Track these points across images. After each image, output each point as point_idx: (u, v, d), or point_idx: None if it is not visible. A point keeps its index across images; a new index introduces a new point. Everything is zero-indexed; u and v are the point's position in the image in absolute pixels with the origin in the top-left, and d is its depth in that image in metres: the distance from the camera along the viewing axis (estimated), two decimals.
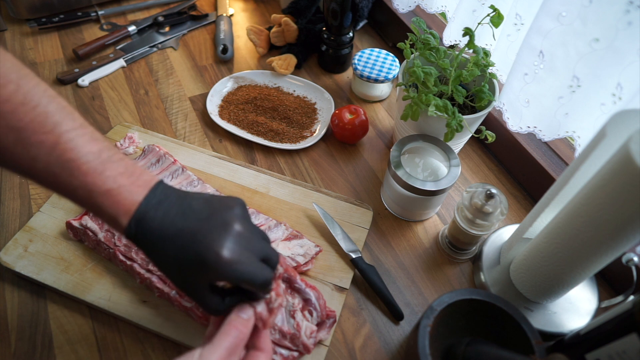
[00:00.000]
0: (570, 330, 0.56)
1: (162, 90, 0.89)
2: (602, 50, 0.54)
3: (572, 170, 0.48)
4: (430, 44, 0.66)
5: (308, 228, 0.68)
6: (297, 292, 0.58)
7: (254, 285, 0.42)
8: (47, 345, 0.57)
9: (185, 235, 0.41)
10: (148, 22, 1.00)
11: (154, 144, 0.73)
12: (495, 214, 0.59)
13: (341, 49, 0.90)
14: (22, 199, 0.70)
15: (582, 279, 0.52)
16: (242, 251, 0.41)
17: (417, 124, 0.68)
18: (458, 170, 0.64)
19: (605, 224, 0.44)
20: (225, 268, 0.40)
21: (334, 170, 0.78)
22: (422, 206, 0.68)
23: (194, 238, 0.40)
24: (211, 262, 0.40)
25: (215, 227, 0.41)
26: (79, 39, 0.96)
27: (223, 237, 0.41)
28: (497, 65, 0.73)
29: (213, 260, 0.40)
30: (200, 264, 0.40)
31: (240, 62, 0.95)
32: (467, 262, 0.67)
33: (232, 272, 0.40)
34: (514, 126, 0.69)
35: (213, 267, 0.40)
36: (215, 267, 0.40)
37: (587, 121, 0.61)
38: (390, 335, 0.60)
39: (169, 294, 0.58)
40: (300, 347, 0.54)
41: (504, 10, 0.67)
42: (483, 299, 0.51)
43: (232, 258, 0.40)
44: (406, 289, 0.64)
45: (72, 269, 0.61)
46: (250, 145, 0.80)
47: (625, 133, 0.41)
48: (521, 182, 0.76)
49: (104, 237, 0.61)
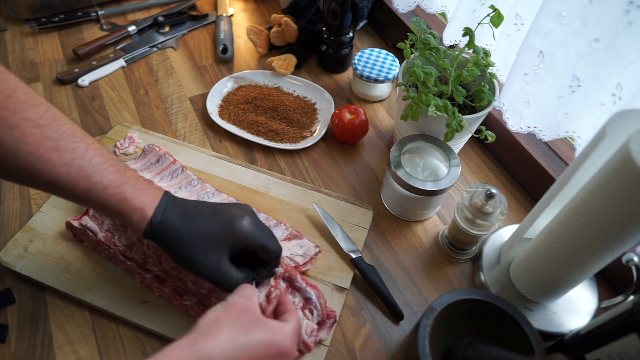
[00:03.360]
0: (570, 330, 0.56)
1: (162, 90, 0.89)
2: (602, 50, 0.54)
3: (572, 170, 0.48)
4: (430, 44, 0.66)
5: (308, 228, 0.68)
6: (298, 291, 0.58)
7: (269, 253, 0.52)
8: (47, 345, 0.57)
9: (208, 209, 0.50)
10: (148, 22, 1.00)
11: (153, 144, 0.73)
12: (495, 214, 0.59)
13: (341, 49, 0.90)
14: (22, 199, 0.70)
15: (582, 279, 0.52)
16: (258, 223, 0.52)
17: (417, 124, 0.68)
18: (458, 170, 0.64)
19: (606, 224, 0.44)
20: (248, 233, 0.49)
21: (334, 170, 0.78)
22: (422, 206, 0.68)
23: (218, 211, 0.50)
24: (237, 227, 0.49)
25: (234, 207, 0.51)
26: (79, 39, 0.96)
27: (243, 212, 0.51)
28: (497, 65, 0.73)
29: (238, 226, 0.49)
30: (226, 229, 0.49)
31: (240, 62, 0.95)
32: (467, 262, 0.67)
33: (253, 237, 0.50)
34: (514, 126, 0.69)
35: (238, 232, 0.49)
36: (240, 231, 0.49)
37: (587, 121, 0.61)
38: (390, 335, 0.60)
39: (168, 293, 0.58)
40: (300, 346, 0.54)
41: (504, 10, 0.67)
42: (483, 299, 0.51)
43: (252, 226, 0.50)
44: (406, 289, 0.64)
45: (72, 269, 0.61)
46: (250, 145, 0.80)
47: (625, 133, 0.41)
48: (521, 182, 0.76)
49: (104, 237, 0.61)
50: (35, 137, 0.43)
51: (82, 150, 0.46)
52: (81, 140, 0.46)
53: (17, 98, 0.43)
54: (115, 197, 0.47)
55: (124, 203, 0.47)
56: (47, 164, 0.44)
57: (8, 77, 0.43)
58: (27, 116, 0.43)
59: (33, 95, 0.44)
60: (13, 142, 0.42)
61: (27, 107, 0.43)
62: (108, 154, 0.48)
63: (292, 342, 0.46)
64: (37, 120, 0.43)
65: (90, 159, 0.46)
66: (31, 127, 0.43)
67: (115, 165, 0.48)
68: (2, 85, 0.42)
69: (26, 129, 0.43)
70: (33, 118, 0.43)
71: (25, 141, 0.42)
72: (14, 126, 0.42)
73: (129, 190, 0.47)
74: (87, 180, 0.45)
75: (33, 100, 0.44)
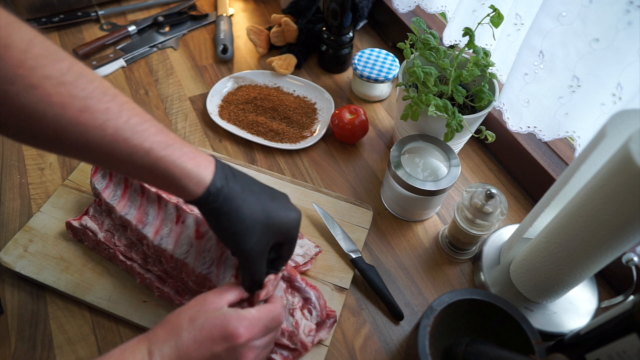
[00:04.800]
0: (570, 330, 0.56)
1: (162, 90, 0.89)
2: (602, 50, 0.54)
3: (572, 170, 0.48)
4: (430, 44, 0.66)
5: (308, 228, 0.68)
6: (297, 291, 0.58)
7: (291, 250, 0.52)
8: (47, 345, 0.57)
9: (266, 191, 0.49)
10: (148, 22, 1.00)
11: None
12: (495, 214, 0.59)
13: (341, 49, 0.90)
14: (22, 199, 0.70)
15: (582, 279, 0.52)
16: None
17: (417, 124, 0.68)
18: (458, 170, 0.64)
19: (605, 224, 0.44)
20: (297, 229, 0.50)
21: (334, 170, 0.78)
22: (422, 206, 0.68)
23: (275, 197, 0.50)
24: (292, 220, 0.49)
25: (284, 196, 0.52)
26: (79, 39, 0.96)
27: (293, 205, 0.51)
28: (497, 65, 0.73)
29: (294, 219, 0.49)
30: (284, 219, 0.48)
31: (240, 62, 0.95)
32: (467, 262, 0.67)
33: (296, 233, 0.51)
34: (514, 126, 0.69)
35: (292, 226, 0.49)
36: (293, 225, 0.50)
37: (587, 121, 0.61)
38: (390, 335, 0.60)
39: (169, 293, 0.58)
40: (297, 345, 0.54)
41: (504, 10, 0.67)
42: (483, 299, 0.51)
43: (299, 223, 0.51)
44: (406, 289, 0.64)
45: (72, 269, 0.61)
46: (250, 145, 0.80)
47: (625, 133, 0.41)
48: (521, 182, 0.76)
49: (104, 237, 0.61)
50: (61, 98, 0.37)
51: (116, 110, 0.40)
52: (113, 99, 0.40)
53: (35, 53, 0.36)
54: (163, 161, 0.42)
55: (173, 167, 0.42)
56: (78, 126, 0.38)
57: (22, 28, 0.37)
58: (48, 73, 0.37)
59: (53, 48, 0.38)
60: (35, 104, 0.36)
61: (48, 62, 0.37)
62: (145, 114, 0.43)
63: (243, 325, 0.44)
64: (61, 78, 0.37)
65: (126, 119, 0.40)
66: (55, 85, 0.37)
67: (156, 126, 0.43)
68: (16, 37, 0.36)
69: (49, 88, 0.37)
70: (56, 75, 0.37)
71: (49, 102, 0.37)
72: (35, 86, 0.36)
73: (177, 153, 0.42)
74: (126, 144, 0.40)
75: (54, 54, 0.38)
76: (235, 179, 0.46)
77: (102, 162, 0.42)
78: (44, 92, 0.36)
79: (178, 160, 0.42)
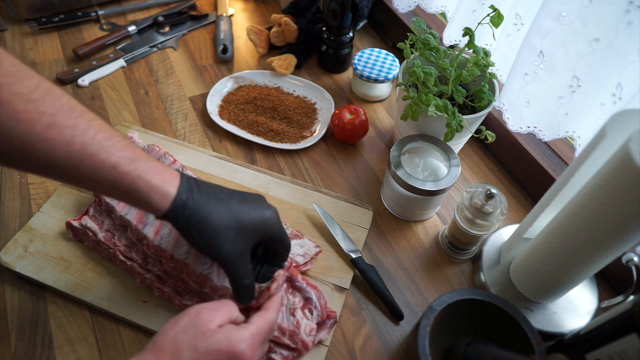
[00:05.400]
0: (570, 330, 0.56)
1: (162, 90, 0.89)
2: (602, 50, 0.54)
3: (572, 170, 0.48)
4: (430, 44, 0.66)
5: (308, 228, 0.68)
6: (298, 291, 0.58)
7: (284, 246, 0.53)
8: (47, 345, 0.57)
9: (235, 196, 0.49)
10: (148, 22, 1.00)
11: (154, 144, 0.73)
12: (495, 214, 0.59)
13: (341, 49, 0.90)
14: (22, 199, 0.70)
15: (582, 279, 0.52)
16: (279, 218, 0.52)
17: (417, 124, 0.68)
18: (458, 170, 0.64)
19: (605, 224, 0.44)
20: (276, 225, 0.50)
21: (334, 170, 0.78)
22: (422, 206, 0.68)
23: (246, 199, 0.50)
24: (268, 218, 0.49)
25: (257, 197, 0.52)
26: (79, 39, 0.96)
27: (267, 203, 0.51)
28: (497, 65, 0.73)
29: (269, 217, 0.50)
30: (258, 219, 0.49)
31: (240, 62, 0.95)
32: (467, 262, 0.67)
33: (278, 229, 0.51)
34: (514, 126, 0.69)
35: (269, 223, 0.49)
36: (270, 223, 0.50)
37: (587, 121, 0.61)
38: (390, 335, 0.60)
39: (169, 293, 0.58)
40: (299, 345, 0.54)
41: (504, 10, 0.67)
42: (483, 299, 0.51)
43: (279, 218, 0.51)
44: (406, 289, 0.64)
45: (72, 269, 0.61)
46: (250, 145, 0.80)
47: (625, 133, 0.41)
48: (521, 182, 0.76)
49: (104, 237, 0.61)
50: (29, 114, 0.38)
51: (84, 127, 0.40)
52: (81, 116, 0.41)
53: (5, 70, 0.37)
54: (128, 176, 0.42)
55: (139, 181, 0.43)
56: (45, 143, 0.38)
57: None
58: (17, 90, 0.37)
59: (22, 67, 0.39)
60: (4, 121, 0.37)
61: (16, 80, 0.38)
62: (112, 130, 0.43)
63: (247, 344, 0.44)
64: (30, 95, 0.38)
65: (93, 135, 0.41)
66: (23, 102, 0.38)
67: (122, 142, 0.43)
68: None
69: (18, 104, 0.37)
70: (25, 92, 0.38)
71: (17, 119, 0.37)
72: (3, 102, 0.37)
73: (142, 168, 0.43)
74: (92, 159, 0.40)
75: (22, 72, 0.39)
76: (200, 190, 0.47)
77: (69, 179, 0.42)
78: (12, 109, 0.37)
79: (143, 175, 0.43)
